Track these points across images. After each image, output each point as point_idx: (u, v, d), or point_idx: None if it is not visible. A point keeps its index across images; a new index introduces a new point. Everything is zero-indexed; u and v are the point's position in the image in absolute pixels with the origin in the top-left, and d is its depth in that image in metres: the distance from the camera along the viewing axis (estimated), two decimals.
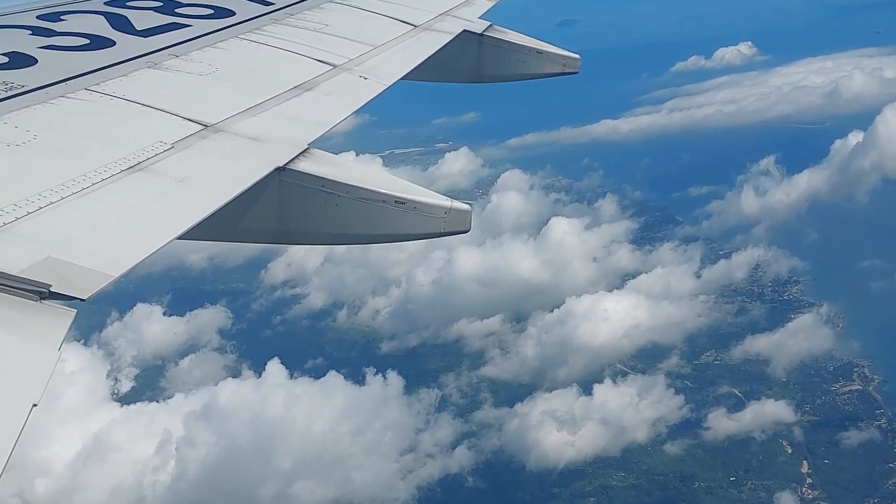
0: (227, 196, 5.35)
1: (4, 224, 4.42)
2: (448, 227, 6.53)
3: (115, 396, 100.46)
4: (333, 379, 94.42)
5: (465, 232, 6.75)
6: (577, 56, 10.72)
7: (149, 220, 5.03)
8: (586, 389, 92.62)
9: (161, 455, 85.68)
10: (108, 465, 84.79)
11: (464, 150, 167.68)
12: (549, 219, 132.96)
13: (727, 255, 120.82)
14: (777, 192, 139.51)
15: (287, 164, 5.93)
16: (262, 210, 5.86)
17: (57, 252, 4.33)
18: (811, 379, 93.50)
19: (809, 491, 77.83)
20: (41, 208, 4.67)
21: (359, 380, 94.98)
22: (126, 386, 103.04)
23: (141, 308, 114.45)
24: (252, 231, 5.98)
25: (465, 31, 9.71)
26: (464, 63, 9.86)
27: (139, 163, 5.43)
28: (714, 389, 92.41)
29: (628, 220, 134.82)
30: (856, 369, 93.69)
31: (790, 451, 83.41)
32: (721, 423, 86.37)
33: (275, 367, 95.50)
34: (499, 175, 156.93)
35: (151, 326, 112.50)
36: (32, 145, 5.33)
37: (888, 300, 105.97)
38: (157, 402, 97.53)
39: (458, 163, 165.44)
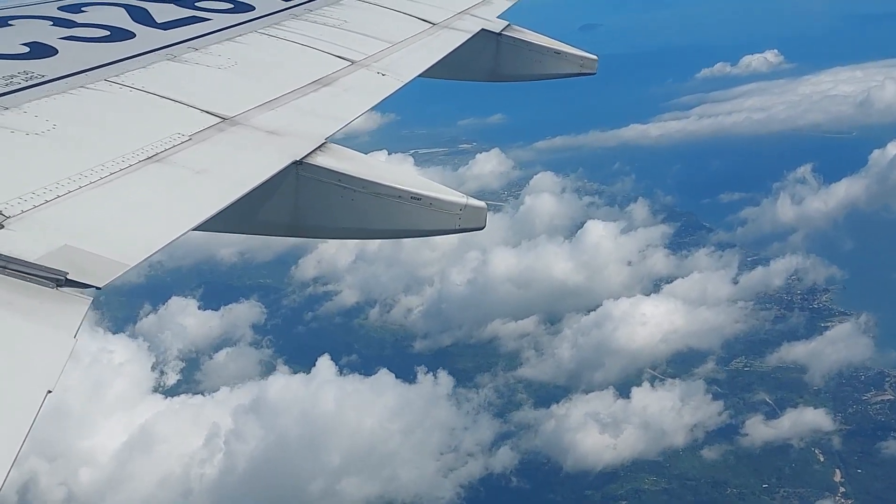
0: (244, 188, 5.33)
1: (22, 212, 4.40)
2: (463, 223, 6.52)
3: (158, 389, 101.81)
4: (384, 377, 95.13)
5: (481, 229, 6.72)
6: (594, 57, 10.67)
7: (166, 210, 5.02)
8: (623, 393, 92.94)
9: (209, 448, 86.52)
10: (154, 457, 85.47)
11: (495, 151, 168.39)
12: (582, 222, 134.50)
13: (764, 262, 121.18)
14: (814, 201, 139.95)
15: (304, 157, 5.91)
16: (278, 203, 5.86)
17: (74, 240, 4.32)
18: (843, 388, 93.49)
19: (842, 500, 77.89)
20: (59, 197, 4.66)
21: (399, 377, 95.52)
22: (168, 378, 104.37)
23: (175, 301, 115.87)
24: (268, 224, 5.99)
25: (483, 30, 9.72)
26: (482, 62, 9.88)
27: (157, 154, 5.41)
28: (749, 396, 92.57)
29: (662, 225, 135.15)
30: (887, 379, 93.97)
31: (823, 459, 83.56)
32: (758, 430, 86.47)
33: (324, 364, 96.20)
34: (529, 177, 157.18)
35: (186, 320, 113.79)
36: (51, 135, 5.31)
37: None
38: (201, 394, 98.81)
39: (489, 164, 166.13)
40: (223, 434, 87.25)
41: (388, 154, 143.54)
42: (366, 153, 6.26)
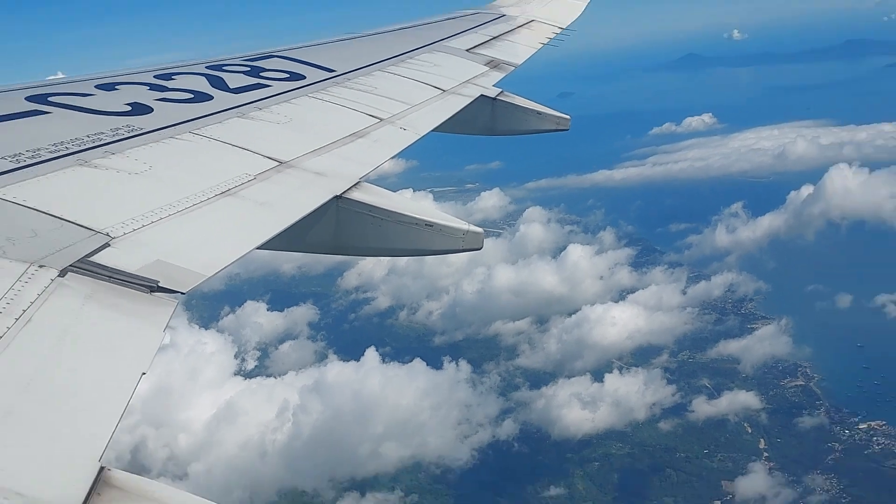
0: (296, 216, 5.37)
1: (124, 234, 4.41)
2: (465, 245, 6.49)
3: (239, 372, 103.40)
4: (416, 365, 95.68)
5: (479, 249, 6.67)
6: (567, 117, 10.83)
7: (236, 233, 5.02)
8: (598, 378, 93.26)
9: (280, 419, 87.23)
10: (237, 426, 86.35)
11: (495, 190, 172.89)
12: (564, 245, 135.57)
13: (706, 278, 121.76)
14: (744, 230, 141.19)
15: (343, 193, 5.95)
16: (322, 228, 5.88)
17: (164, 256, 4.32)
18: (766, 375, 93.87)
19: (766, 463, 77.76)
20: (152, 222, 4.68)
21: (428, 365, 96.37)
22: (247, 364, 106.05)
23: (250, 304, 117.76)
24: (315, 244, 6.04)
25: (482, 95, 9.79)
26: (481, 120, 9.97)
27: (229, 189, 5.44)
28: (695, 381, 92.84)
29: (626, 248, 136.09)
30: (800, 369, 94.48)
31: (750, 431, 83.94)
32: (701, 408, 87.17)
33: (370, 354, 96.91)
34: (522, 210, 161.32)
35: (258, 318, 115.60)
36: (148, 174, 5.34)
37: (827, 316, 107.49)
38: (272, 377, 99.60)
39: (491, 200, 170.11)
40: (291, 408, 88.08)
41: (412, 191, 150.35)
42: (393, 191, 6.36)
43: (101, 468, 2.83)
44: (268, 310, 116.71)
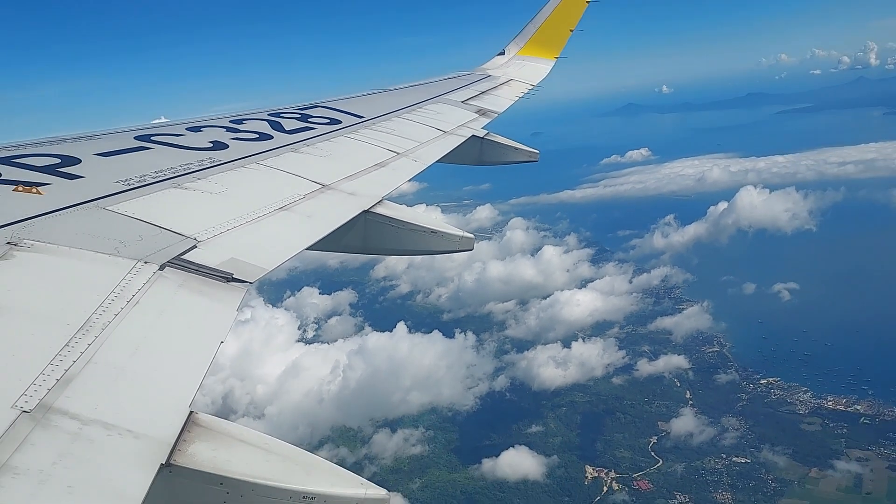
0: (334, 226, 5.38)
1: (207, 238, 4.43)
2: (461, 247, 6.50)
3: (301, 340, 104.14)
4: (435, 335, 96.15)
5: (471, 250, 6.69)
6: (537, 151, 10.91)
7: (289, 238, 5.01)
8: (567, 345, 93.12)
9: (333, 374, 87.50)
10: (300, 380, 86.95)
11: (487, 205, 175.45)
12: (540, 246, 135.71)
13: (648, 271, 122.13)
14: (675, 235, 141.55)
15: (369, 208, 5.96)
16: (354, 234, 5.86)
17: (237, 255, 4.34)
18: (691, 344, 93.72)
19: (692, 408, 78.12)
20: (228, 230, 4.70)
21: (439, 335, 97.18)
22: (306, 333, 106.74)
23: (306, 289, 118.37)
24: (348, 246, 6.04)
25: (473, 135, 9.81)
26: (472, 154, 9.97)
27: (285, 205, 5.44)
28: (639, 347, 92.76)
29: (586, 249, 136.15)
30: (716, 339, 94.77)
31: (679, 385, 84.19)
32: (644, 368, 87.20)
33: (401, 327, 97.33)
34: (507, 220, 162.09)
35: (313, 299, 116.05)
36: (224, 194, 5.36)
37: (736, 299, 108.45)
38: (326, 343, 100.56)
39: (484, 213, 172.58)
40: (341, 367, 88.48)
41: (425, 206, 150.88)
42: (409, 205, 6.41)
43: (191, 412, 2.88)
44: (319, 293, 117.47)
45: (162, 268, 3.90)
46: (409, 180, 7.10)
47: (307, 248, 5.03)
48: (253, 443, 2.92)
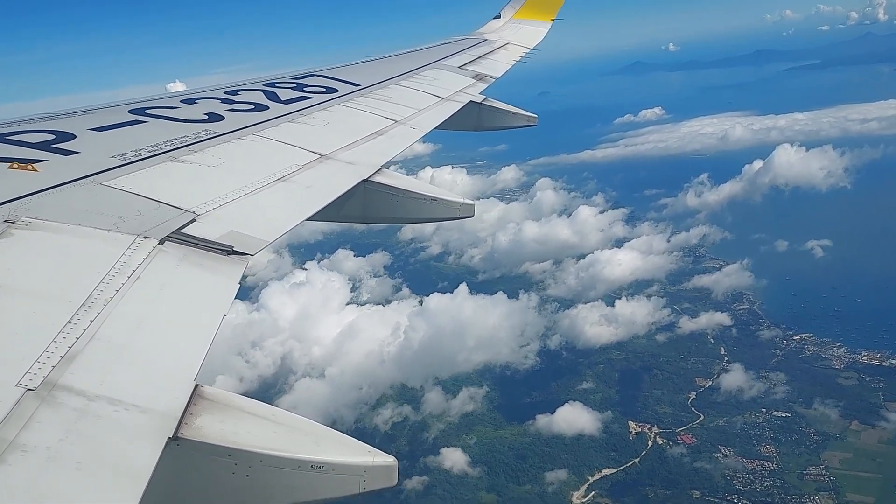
0: (334, 195, 5.46)
1: (206, 212, 4.52)
2: (461, 213, 6.61)
3: (353, 301, 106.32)
4: (499, 296, 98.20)
5: (471, 217, 6.77)
6: (535, 115, 10.95)
7: (289, 208, 5.09)
8: (609, 303, 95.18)
9: (394, 335, 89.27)
10: (358, 341, 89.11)
11: (512, 167, 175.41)
12: (569, 207, 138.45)
13: (686, 230, 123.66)
14: (709, 194, 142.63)
15: (368, 177, 6.04)
16: (353, 203, 5.93)
17: (236, 227, 4.42)
18: (729, 301, 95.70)
19: (728, 364, 79.64)
20: (227, 202, 4.78)
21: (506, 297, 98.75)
22: (358, 295, 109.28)
23: (340, 252, 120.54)
24: (348, 216, 6.12)
25: (471, 101, 9.87)
26: (470, 120, 10.04)
27: (283, 176, 5.52)
28: (679, 305, 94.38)
29: (622, 209, 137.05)
30: (745, 295, 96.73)
31: (712, 341, 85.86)
32: (686, 325, 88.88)
33: (462, 289, 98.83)
34: (532, 181, 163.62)
35: (349, 262, 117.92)
36: (222, 167, 5.43)
37: (768, 257, 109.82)
38: (381, 305, 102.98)
39: (510, 174, 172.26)
40: (402, 327, 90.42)
41: (451, 167, 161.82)
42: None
43: (196, 385, 2.97)
44: (354, 255, 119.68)
45: (162, 242, 3.99)
46: (410, 146, 7.18)
47: (307, 219, 5.09)
48: (260, 414, 3.01)
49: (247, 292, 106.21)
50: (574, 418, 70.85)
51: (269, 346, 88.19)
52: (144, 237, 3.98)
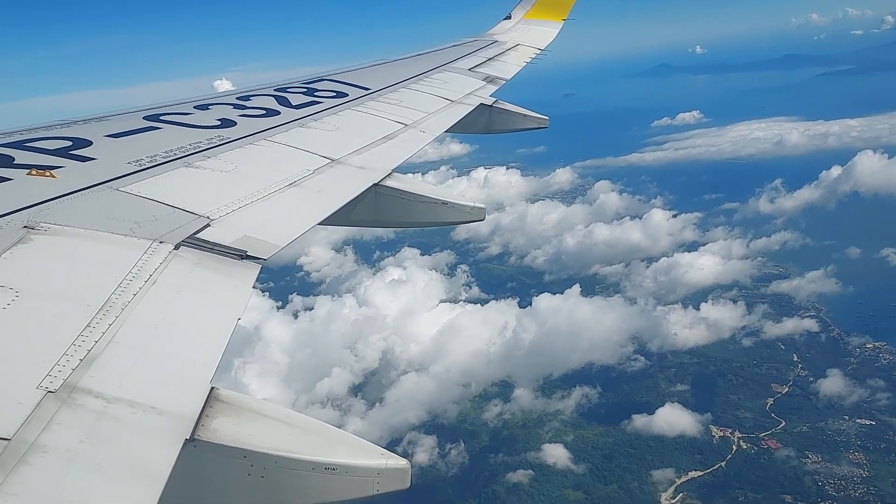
0: (345, 200, 5.70)
1: (220, 217, 4.80)
2: (472, 217, 6.86)
3: (446, 300, 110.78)
4: (616, 299, 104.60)
5: (481, 220, 6.98)
6: (546, 117, 10.99)
7: (301, 213, 5.33)
8: (693, 306, 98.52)
9: (501, 335, 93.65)
10: (460, 340, 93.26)
11: (567, 169, 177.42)
12: (634, 210, 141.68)
13: (767, 235, 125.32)
14: (784, 201, 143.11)
15: (379, 181, 6.28)
16: (365, 208, 6.14)
17: (250, 232, 4.68)
18: (794, 307, 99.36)
19: (801, 370, 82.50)
20: (240, 207, 5.05)
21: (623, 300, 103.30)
22: (456, 294, 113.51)
23: (406, 251, 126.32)
24: (360, 220, 6.28)
25: (481, 104, 9.97)
26: (481, 122, 10.16)
27: (295, 181, 5.78)
28: (761, 310, 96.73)
29: (696, 213, 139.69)
30: (813, 302, 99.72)
31: (783, 348, 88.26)
32: (770, 329, 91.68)
33: (574, 289, 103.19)
34: (586, 184, 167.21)
35: (417, 260, 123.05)
36: (235, 172, 5.71)
37: (842, 266, 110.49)
38: (479, 304, 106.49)
39: (564, 176, 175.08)
40: (509, 327, 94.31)
41: (506, 168, 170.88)
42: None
43: (212, 388, 3.15)
44: (420, 255, 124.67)
45: (177, 247, 4.23)
46: (418, 150, 7.47)
47: (319, 224, 5.30)
48: (275, 417, 3.19)
49: (312, 287, 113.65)
50: (658, 421, 73.94)
51: (374, 342, 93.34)
52: (160, 242, 4.23)
